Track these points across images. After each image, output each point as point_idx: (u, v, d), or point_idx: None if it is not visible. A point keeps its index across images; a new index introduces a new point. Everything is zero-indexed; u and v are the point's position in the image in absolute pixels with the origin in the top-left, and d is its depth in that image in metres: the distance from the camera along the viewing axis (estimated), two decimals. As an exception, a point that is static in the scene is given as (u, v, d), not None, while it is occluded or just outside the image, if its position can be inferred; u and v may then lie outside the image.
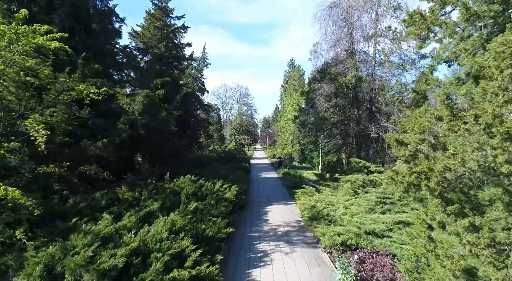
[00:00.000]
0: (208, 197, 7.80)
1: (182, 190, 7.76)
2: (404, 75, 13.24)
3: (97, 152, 7.58)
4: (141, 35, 20.47)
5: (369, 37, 13.30)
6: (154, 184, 7.60)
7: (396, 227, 6.66)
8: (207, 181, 9.15)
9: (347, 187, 10.14)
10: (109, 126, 8.74)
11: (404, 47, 12.37)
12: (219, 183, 8.82)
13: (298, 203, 10.02)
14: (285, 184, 14.88)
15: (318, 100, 13.44)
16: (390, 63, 12.60)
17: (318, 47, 14.51)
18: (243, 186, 10.36)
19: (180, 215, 5.14)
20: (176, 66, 21.98)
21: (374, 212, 7.71)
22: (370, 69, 13.14)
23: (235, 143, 51.53)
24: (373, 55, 13.27)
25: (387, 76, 13.17)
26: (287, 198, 11.62)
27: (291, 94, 48.01)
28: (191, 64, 35.04)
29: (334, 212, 7.78)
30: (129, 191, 6.93)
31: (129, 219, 4.71)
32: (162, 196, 6.87)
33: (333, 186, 11.12)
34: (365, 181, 10.52)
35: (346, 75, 12.20)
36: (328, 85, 13.22)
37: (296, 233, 7.23)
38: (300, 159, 27.65)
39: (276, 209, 9.78)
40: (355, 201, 9.03)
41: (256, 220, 8.31)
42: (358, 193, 10.23)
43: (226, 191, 8.47)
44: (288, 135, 44.08)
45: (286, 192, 12.89)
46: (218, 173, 10.73)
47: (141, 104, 8.77)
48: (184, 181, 8.13)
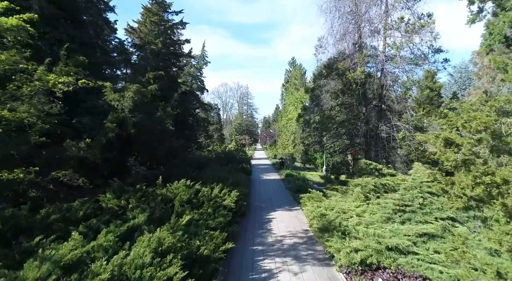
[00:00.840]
0: (205, 205, 6.94)
1: (176, 196, 6.90)
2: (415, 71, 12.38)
3: (80, 154, 6.73)
4: (138, 31, 19.62)
5: (378, 31, 12.44)
6: (144, 190, 6.74)
7: (420, 241, 5.80)
8: (205, 186, 8.29)
9: (357, 191, 9.28)
10: (96, 125, 7.89)
11: (416, 40, 11.51)
12: (218, 188, 7.97)
13: (305, 209, 9.16)
14: (288, 186, 14.02)
15: (324, 97, 12.58)
16: (401, 58, 11.73)
17: (323, 41, 13.66)
18: (244, 190, 9.50)
19: (170, 231, 4.28)
20: (174, 63, 21.13)
21: (392, 221, 6.85)
22: (380, 64, 12.27)
23: (235, 143, 50.66)
24: (382, 49, 12.41)
25: (397, 72, 12.31)
26: (291, 203, 10.76)
27: (293, 93, 47.17)
28: (190, 62, 34.24)
29: (347, 221, 6.92)
30: (114, 198, 6.08)
31: (106, 237, 3.85)
32: (152, 204, 6.01)
33: (341, 190, 10.26)
34: (377, 185, 9.66)
35: (354, 70, 11.34)
36: (335, 82, 12.36)
37: (305, 246, 6.37)
38: (302, 159, 26.78)
39: (280, 215, 8.92)
40: (367, 207, 8.17)
41: (259, 230, 7.45)
42: (370, 198, 9.38)
43: (225, 197, 7.61)
44: (289, 135, 43.21)
45: (290, 196, 12.03)
46: (217, 175, 9.88)
47: (131, 100, 7.92)
48: (178, 186, 7.27)
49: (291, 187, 13.38)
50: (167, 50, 20.31)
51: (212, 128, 49.70)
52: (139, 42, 19.17)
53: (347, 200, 9.24)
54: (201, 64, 33.93)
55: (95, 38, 10.18)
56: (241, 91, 74.84)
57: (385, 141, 11.43)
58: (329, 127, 12.10)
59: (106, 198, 6.00)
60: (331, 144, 14.00)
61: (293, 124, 40.71)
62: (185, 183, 7.36)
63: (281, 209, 9.77)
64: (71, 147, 6.49)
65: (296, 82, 50.26)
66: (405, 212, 6.86)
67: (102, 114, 8.03)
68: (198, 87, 33.91)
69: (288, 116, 44.19)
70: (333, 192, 10.13)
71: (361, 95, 12.34)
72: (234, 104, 75.84)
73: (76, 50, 8.32)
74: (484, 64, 22.92)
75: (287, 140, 44.18)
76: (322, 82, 12.33)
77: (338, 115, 13.01)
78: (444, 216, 6.49)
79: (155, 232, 4.19)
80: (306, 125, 13.37)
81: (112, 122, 7.56)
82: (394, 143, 11.62)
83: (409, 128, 10.95)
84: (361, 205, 8.59)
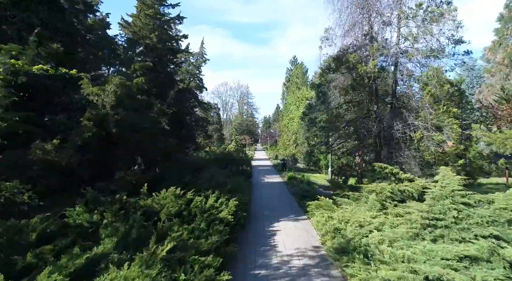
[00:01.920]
0: (198, 218, 5.83)
1: (163, 208, 5.80)
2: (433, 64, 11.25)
3: (48, 157, 5.63)
4: (132, 25, 18.55)
5: (390, 21, 11.32)
6: (124, 201, 5.63)
7: (462, 266, 4.69)
8: (199, 194, 7.19)
9: (372, 199, 8.16)
10: (73, 123, 6.79)
11: (435, 30, 10.39)
12: (213, 197, 6.85)
13: (314, 221, 8.05)
14: (292, 191, 12.91)
15: (332, 94, 11.45)
16: (417, 50, 10.60)
17: (330, 33, 12.52)
18: (245, 197, 8.39)
19: (145, 265, 3.17)
20: (170, 59, 20.05)
21: (421, 238, 5.73)
22: (393, 57, 11.14)
23: (235, 143, 49.56)
24: (396, 41, 11.29)
25: (413, 66, 11.18)
26: (297, 211, 9.64)
27: (294, 92, 46.04)
28: (188, 60, 33.15)
29: (366, 237, 5.82)
30: (86, 212, 4.98)
31: (49, 278, 2.74)
32: (132, 220, 4.90)
33: (353, 196, 9.14)
34: (394, 191, 8.56)
35: (366, 63, 10.21)
36: (344, 76, 11.23)
37: (318, 269, 5.26)
38: (306, 160, 25.65)
39: (286, 227, 7.81)
40: (386, 219, 7.05)
41: (261, 246, 6.33)
42: (387, 207, 8.28)
43: (222, 208, 6.50)
44: (290, 135, 42.08)
45: (295, 202, 10.91)
46: (214, 181, 8.77)
47: (114, 95, 6.81)
48: (166, 195, 6.16)
49: (296, 191, 12.27)
50: (163, 46, 19.20)
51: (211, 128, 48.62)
52: (133, 37, 18.13)
53: (361, 209, 8.13)
54: (199, 62, 32.75)
55: (76, 25, 9.09)
56: (241, 91, 73.78)
57: (401, 141, 10.31)
58: (338, 126, 10.98)
59: (75, 212, 4.90)
60: (340, 144, 12.87)
61: (294, 124, 39.58)
62: (174, 192, 6.24)
63: (286, 219, 8.66)
64: (36, 150, 5.38)
65: (297, 81, 49.14)
66: (437, 227, 5.74)
67: (80, 111, 6.92)
68: (196, 85, 32.78)
69: (289, 115, 43.06)
70: (344, 199, 9.02)
71: (375, 91, 11.22)
72: (234, 104, 74.78)
73: (50, 37, 7.24)
74: (497, 60, 21.81)
75: (289, 140, 43.03)
76: (330, 77, 11.20)
77: (346, 113, 11.89)
78: (486, 233, 5.40)
79: (124, 267, 3.08)
80: (312, 125, 12.24)
81: (90, 121, 6.45)
82: (410, 143, 10.50)
83: (427, 127, 9.83)
84: (378, 215, 7.48)
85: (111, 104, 6.91)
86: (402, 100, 10.76)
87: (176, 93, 18.49)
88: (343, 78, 11.32)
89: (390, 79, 11.51)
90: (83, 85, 6.59)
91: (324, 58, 12.44)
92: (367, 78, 10.16)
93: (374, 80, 10.78)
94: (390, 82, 11.58)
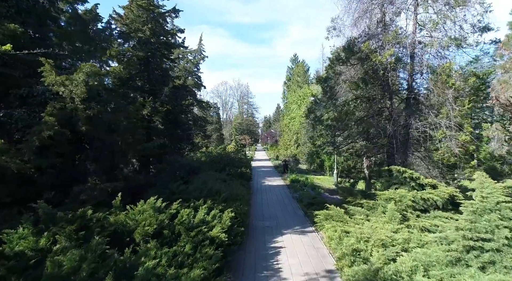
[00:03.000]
0: (182, 238, 4.64)
1: (138, 225, 4.61)
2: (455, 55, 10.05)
3: (-6, 162, 4.45)
4: (124, 18, 17.40)
5: (407, 6, 10.14)
6: (89, 217, 4.44)
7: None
8: (187, 205, 6.00)
9: (391, 209, 6.97)
10: (35, 120, 5.61)
11: (459, 16, 9.20)
12: (204, 208, 5.65)
13: (324, 234, 6.88)
14: (296, 196, 11.73)
15: (340, 88, 10.25)
16: (437, 39, 9.41)
17: (338, 22, 11.32)
18: (243, 207, 7.19)
19: None
20: (165, 54, 18.89)
21: (464, 264, 4.54)
22: (409, 48, 9.94)
23: (235, 143, 48.39)
24: (412, 29, 10.10)
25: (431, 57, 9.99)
26: (302, 221, 8.45)
27: (295, 91, 44.84)
28: (186, 57, 32.00)
29: (395, 262, 4.63)
30: (32, 234, 3.79)
31: None
32: (94, 244, 3.72)
33: (367, 204, 7.94)
34: (416, 199, 7.36)
35: (381, 53, 9.02)
36: (354, 69, 10.04)
37: (335, 308, 4.08)
38: (308, 161, 24.46)
39: (291, 243, 6.62)
40: (411, 234, 5.86)
41: (262, 271, 5.15)
42: (408, 218, 7.09)
43: (214, 223, 5.31)
44: (291, 135, 40.92)
45: (300, 209, 9.71)
46: (207, 187, 7.57)
47: (83, 85, 5.62)
48: (144, 208, 4.96)
49: (300, 196, 11.08)
50: (157, 40, 18.06)
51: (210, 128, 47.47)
52: (126, 30, 17.00)
53: (378, 220, 6.95)
54: (198, 59, 31.65)
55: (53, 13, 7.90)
56: (242, 90, 72.63)
57: (421, 141, 9.11)
58: (348, 124, 9.79)
59: (17, 235, 3.71)
60: (347, 145, 11.68)
61: (296, 123, 38.40)
62: (154, 204, 5.05)
63: (291, 231, 7.47)
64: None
65: (298, 80, 47.94)
66: (484, 250, 4.56)
67: (44, 105, 5.72)
68: (194, 83, 31.64)
69: (290, 115, 41.87)
70: (357, 208, 7.82)
71: (389, 85, 10.02)
72: (234, 103, 73.64)
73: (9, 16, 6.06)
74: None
75: (290, 140, 41.83)
76: (339, 69, 10.00)
77: (356, 110, 10.70)
78: (551, 260, 4.24)
79: None
80: (317, 122, 11.05)
81: (53, 116, 5.26)
82: (431, 143, 9.31)
83: (450, 126, 8.63)
84: (400, 229, 6.29)
85: (82, 97, 5.71)
86: (420, 94, 9.56)
87: (171, 90, 17.30)
88: (353, 71, 10.12)
89: (406, 72, 10.32)
90: (45, 72, 5.39)
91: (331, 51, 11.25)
92: (382, 70, 8.96)
93: (388, 73, 9.58)
94: (404, 75, 10.40)
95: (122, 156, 6.77)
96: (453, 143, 8.83)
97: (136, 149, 6.86)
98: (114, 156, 6.69)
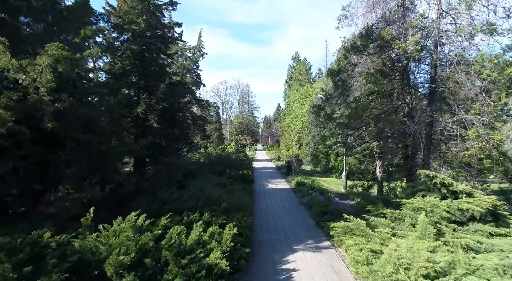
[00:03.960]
0: (171, 267, 3.52)
1: (111, 252, 3.49)
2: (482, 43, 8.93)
3: None
4: (118, 9, 16.34)
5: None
6: (44, 244, 3.32)
7: None
8: (179, 219, 4.89)
9: (423, 221, 5.85)
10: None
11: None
12: (199, 226, 4.53)
13: (344, 252, 5.78)
14: (304, 201, 10.61)
15: (355, 81, 9.12)
16: (466, 25, 8.30)
17: (350, 11, 10.20)
18: (247, 220, 6.05)
19: None
20: (161, 48, 17.80)
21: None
22: (433, 36, 8.82)
23: (236, 143, 47.27)
24: (436, 15, 8.98)
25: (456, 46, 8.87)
26: (315, 233, 7.33)
27: (297, 90, 43.70)
28: (184, 54, 30.89)
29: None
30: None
31: None
32: None
33: (390, 214, 6.81)
34: (451, 210, 6.24)
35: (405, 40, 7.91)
36: (371, 60, 8.91)
37: None
38: (313, 162, 23.33)
39: (305, 262, 5.51)
40: (455, 258, 4.74)
41: (273, 305, 4.04)
42: (443, 233, 5.97)
43: (212, 244, 4.19)
44: (293, 135, 39.77)
45: (310, 218, 8.58)
46: (204, 196, 6.45)
47: (49, 71, 4.49)
48: (122, 227, 3.84)
49: (309, 203, 9.97)
50: (153, 33, 16.97)
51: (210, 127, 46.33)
52: (120, 22, 15.93)
53: (406, 234, 5.84)
54: (197, 56, 30.49)
55: None
56: (242, 89, 71.50)
57: (452, 140, 8.00)
58: (364, 122, 8.67)
59: None
60: (361, 145, 10.55)
61: (298, 123, 37.26)
62: (134, 222, 3.92)
63: (303, 247, 6.35)
64: None
65: (300, 78, 46.76)
66: None
67: (2, 97, 4.57)
68: (194, 81, 30.51)
69: (292, 114, 40.71)
70: (380, 219, 6.70)
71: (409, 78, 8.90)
72: (234, 102, 72.50)
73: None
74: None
75: (291, 140, 40.70)
76: (354, 60, 8.87)
77: (372, 106, 9.57)
78: None
79: None
80: (328, 120, 9.93)
81: (7, 109, 4.13)
82: (460, 143, 8.20)
83: (485, 123, 7.51)
84: (437, 247, 5.17)
85: (48, 87, 4.59)
86: (448, 87, 8.43)
87: (167, 86, 16.19)
88: (370, 62, 8.99)
89: (428, 63, 9.20)
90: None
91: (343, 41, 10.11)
92: (405, 60, 7.83)
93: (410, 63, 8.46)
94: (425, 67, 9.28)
95: (103, 159, 5.64)
96: (486, 143, 7.72)
97: (120, 151, 5.73)
98: (93, 159, 5.56)
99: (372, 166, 13.08)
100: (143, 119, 14.76)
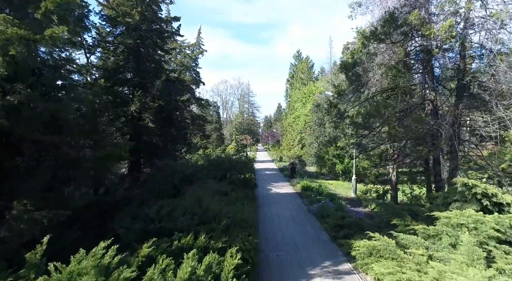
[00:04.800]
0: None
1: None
2: None
3: None
4: (111, 1, 15.29)
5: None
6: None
7: None
8: (168, 245, 3.81)
9: (469, 242, 4.76)
10: None
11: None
12: (193, 256, 3.43)
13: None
14: (313, 210, 9.52)
15: (373, 75, 8.03)
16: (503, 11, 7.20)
17: (364, -3, 9.09)
18: (253, 240, 4.93)
19: None
20: (158, 43, 16.72)
21: None
22: (462, 24, 7.75)
23: (236, 143, 46.21)
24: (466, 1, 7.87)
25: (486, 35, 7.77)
26: (331, 251, 6.23)
27: (300, 89, 42.60)
28: (183, 51, 29.79)
29: None
30: None
31: None
32: None
33: (422, 230, 5.72)
34: (501, 227, 5.15)
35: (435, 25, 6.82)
36: (393, 50, 7.81)
37: None
38: (318, 164, 22.22)
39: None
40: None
41: None
42: (493, 257, 4.88)
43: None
44: (295, 135, 38.67)
45: (323, 231, 7.46)
46: (202, 209, 5.35)
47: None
48: (83, 267, 2.74)
49: (319, 211, 8.86)
50: (149, 26, 15.89)
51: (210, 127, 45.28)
52: (114, 15, 14.88)
53: (446, 257, 4.77)
54: (196, 53, 29.41)
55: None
56: (242, 89, 70.41)
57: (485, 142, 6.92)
58: (386, 120, 7.57)
59: None
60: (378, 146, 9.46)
61: (300, 122, 36.15)
62: (100, 259, 2.82)
63: (319, 271, 5.25)
64: None
65: (302, 77, 45.64)
66: None
67: None
68: (193, 79, 29.45)
69: (294, 113, 39.62)
70: (411, 237, 5.61)
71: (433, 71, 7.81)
72: (234, 102, 71.44)
73: None
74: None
75: (293, 140, 39.58)
76: (373, 49, 7.77)
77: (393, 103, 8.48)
78: None
79: None
80: (340, 119, 8.84)
81: None
82: (497, 145, 7.11)
83: (529, 123, 6.41)
84: (494, 278, 4.08)
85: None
86: (479, 82, 7.34)
87: (164, 83, 15.09)
88: (391, 52, 7.89)
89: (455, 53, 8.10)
90: None
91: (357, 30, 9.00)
92: (437, 48, 6.74)
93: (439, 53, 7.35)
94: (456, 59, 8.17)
95: (75, 166, 4.55)
96: (529, 145, 6.62)
97: (97, 157, 4.64)
98: (61, 166, 4.47)
99: (386, 170, 11.99)
100: (137, 118, 13.68)
